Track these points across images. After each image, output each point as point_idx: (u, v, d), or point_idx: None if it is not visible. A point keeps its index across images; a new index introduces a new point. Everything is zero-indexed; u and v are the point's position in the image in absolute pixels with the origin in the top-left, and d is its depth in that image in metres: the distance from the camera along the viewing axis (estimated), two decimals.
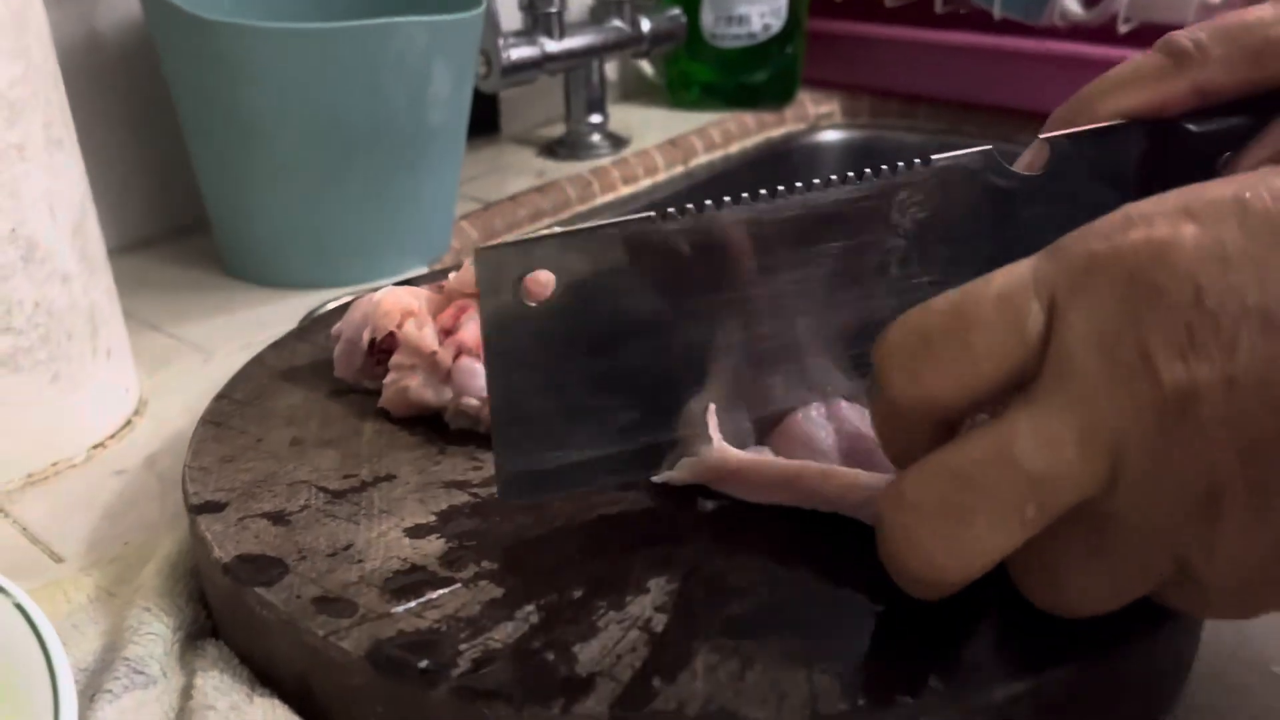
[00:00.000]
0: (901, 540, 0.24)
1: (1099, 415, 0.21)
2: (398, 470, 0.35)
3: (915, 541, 0.24)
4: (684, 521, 0.32)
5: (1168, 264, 0.21)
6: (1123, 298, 0.21)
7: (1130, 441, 0.21)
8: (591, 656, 0.27)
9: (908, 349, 0.24)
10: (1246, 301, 0.20)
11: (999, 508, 0.22)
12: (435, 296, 0.39)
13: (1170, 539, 0.22)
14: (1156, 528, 0.22)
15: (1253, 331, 0.20)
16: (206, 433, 0.37)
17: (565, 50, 0.77)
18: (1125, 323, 0.21)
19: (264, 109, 0.55)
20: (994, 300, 0.23)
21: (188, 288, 0.62)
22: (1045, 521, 0.23)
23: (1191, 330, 0.20)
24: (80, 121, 0.46)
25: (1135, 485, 0.22)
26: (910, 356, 0.23)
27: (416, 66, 0.57)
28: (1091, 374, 0.21)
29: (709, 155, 0.87)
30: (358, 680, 0.27)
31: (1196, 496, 0.21)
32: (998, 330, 0.22)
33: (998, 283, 0.23)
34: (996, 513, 0.23)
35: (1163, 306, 0.21)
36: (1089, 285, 0.22)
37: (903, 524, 0.24)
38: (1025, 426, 0.22)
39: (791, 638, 0.27)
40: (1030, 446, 0.22)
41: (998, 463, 0.22)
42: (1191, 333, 0.20)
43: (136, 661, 0.30)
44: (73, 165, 0.44)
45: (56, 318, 0.43)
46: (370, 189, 0.59)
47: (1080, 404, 0.21)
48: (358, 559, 0.31)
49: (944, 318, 0.23)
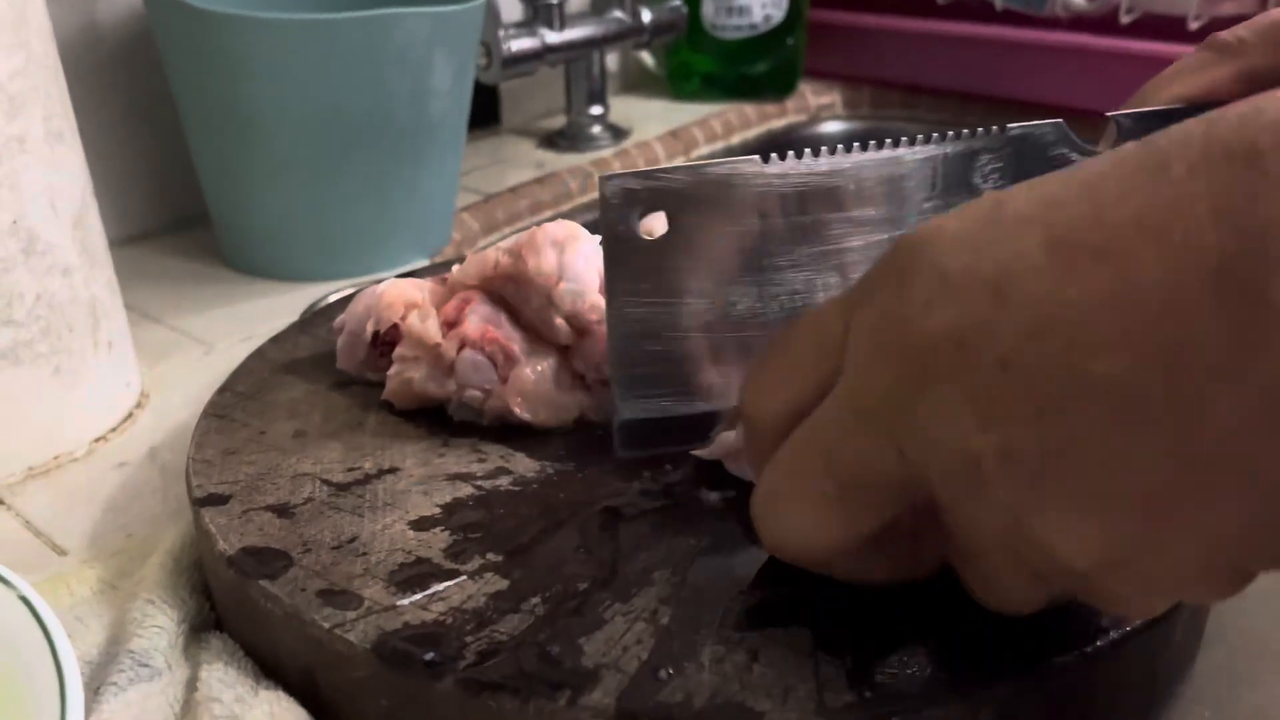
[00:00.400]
0: (757, 529, 0.28)
1: (870, 389, 0.23)
2: (402, 463, 0.35)
3: (759, 523, 0.27)
4: (689, 513, 0.32)
5: (924, 247, 0.23)
6: (889, 286, 0.23)
7: (899, 416, 0.23)
8: (597, 648, 0.27)
9: (751, 372, 0.28)
10: (981, 273, 0.22)
11: (800, 487, 0.26)
12: (438, 288, 0.38)
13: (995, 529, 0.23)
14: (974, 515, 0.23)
15: (980, 298, 0.22)
16: (209, 425, 0.37)
17: (566, 41, 0.76)
18: (887, 306, 0.23)
19: (265, 101, 0.55)
20: (807, 323, 0.26)
21: (188, 280, 0.62)
22: (858, 505, 0.25)
23: (930, 302, 0.22)
24: (81, 114, 0.46)
25: (918, 461, 0.23)
26: (752, 378, 0.28)
27: (418, 58, 0.57)
28: (861, 354, 0.24)
29: (710, 146, 0.87)
30: (363, 673, 0.27)
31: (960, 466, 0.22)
32: (808, 345, 0.26)
33: (815, 309, 0.26)
34: (799, 492, 0.26)
35: (913, 284, 0.23)
36: (869, 288, 0.24)
37: (753, 515, 0.27)
38: (819, 413, 0.25)
39: (798, 630, 0.27)
40: (820, 427, 0.25)
41: (800, 446, 0.25)
42: (929, 304, 0.22)
43: (141, 654, 0.30)
44: (73, 158, 0.44)
45: (57, 310, 0.43)
46: (371, 181, 0.59)
47: (855, 384, 0.24)
48: (362, 551, 0.31)
49: (775, 342, 0.27)
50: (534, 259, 0.36)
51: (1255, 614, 0.34)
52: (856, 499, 0.25)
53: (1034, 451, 0.21)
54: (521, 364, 0.36)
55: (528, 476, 0.34)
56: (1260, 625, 0.33)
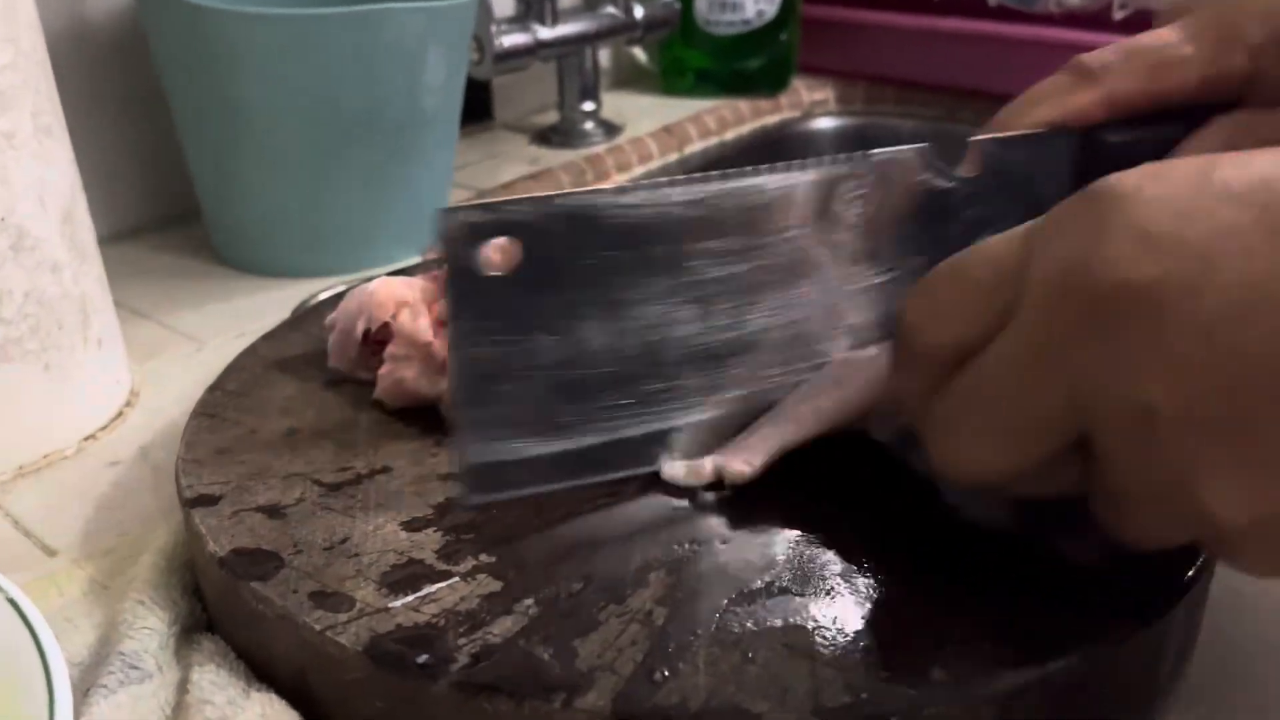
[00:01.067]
0: (929, 448, 0.28)
1: (1048, 328, 0.24)
2: (394, 462, 0.35)
3: (934, 448, 0.28)
4: (684, 512, 0.32)
5: (1122, 205, 0.23)
6: (1079, 232, 0.23)
7: (1074, 356, 0.23)
8: (592, 650, 0.27)
9: (916, 300, 0.27)
10: (1188, 239, 0.22)
11: (976, 418, 0.26)
12: (430, 286, 0.38)
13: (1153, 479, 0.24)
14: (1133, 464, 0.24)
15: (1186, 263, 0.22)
16: (200, 424, 0.37)
17: (558, 37, 0.76)
18: (1079, 250, 0.23)
19: (256, 96, 0.55)
20: (983, 255, 0.26)
21: (180, 276, 0.61)
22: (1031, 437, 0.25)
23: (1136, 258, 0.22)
24: (71, 109, 0.45)
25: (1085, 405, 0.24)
26: (919, 306, 0.27)
27: (410, 53, 0.56)
28: (1043, 292, 0.24)
29: (703, 142, 0.87)
30: (356, 675, 0.27)
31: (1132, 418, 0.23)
32: (984, 276, 0.26)
33: (989, 242, 0.26)
34: (974, 423, 0.26)
35: (1110, 233, 0.23)
36: (1056, 229, 0.24)
37: (927, 437, 0.28)
38: (995, 347, 0.25)
39: (794, 630, 0.27)
40: (996, 362, 0.25)
41: (976, 380, 0.26)
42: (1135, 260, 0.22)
43: (131, 656, 0.30)
44: (62, 153, 0.44)
45: (47, 307, 0.43)
46: (364, 177, 0.59)
47: (1034, 320, 0.24)
48: (354, 553, 0.30)
49: (943, 272, 0.27)
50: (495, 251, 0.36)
51: (1251, 614, 0.34)
52: (1028, 432, 0.25)
53: (1218, 419, 0.22)
54: None
55: None
56: (1256, 625, 0.33)
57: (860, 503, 0.32)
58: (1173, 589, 0.28)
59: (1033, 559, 0.30)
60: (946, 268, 0.27)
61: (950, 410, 0.27)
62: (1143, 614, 0.27)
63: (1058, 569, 0.30)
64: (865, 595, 0.28)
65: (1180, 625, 0.29)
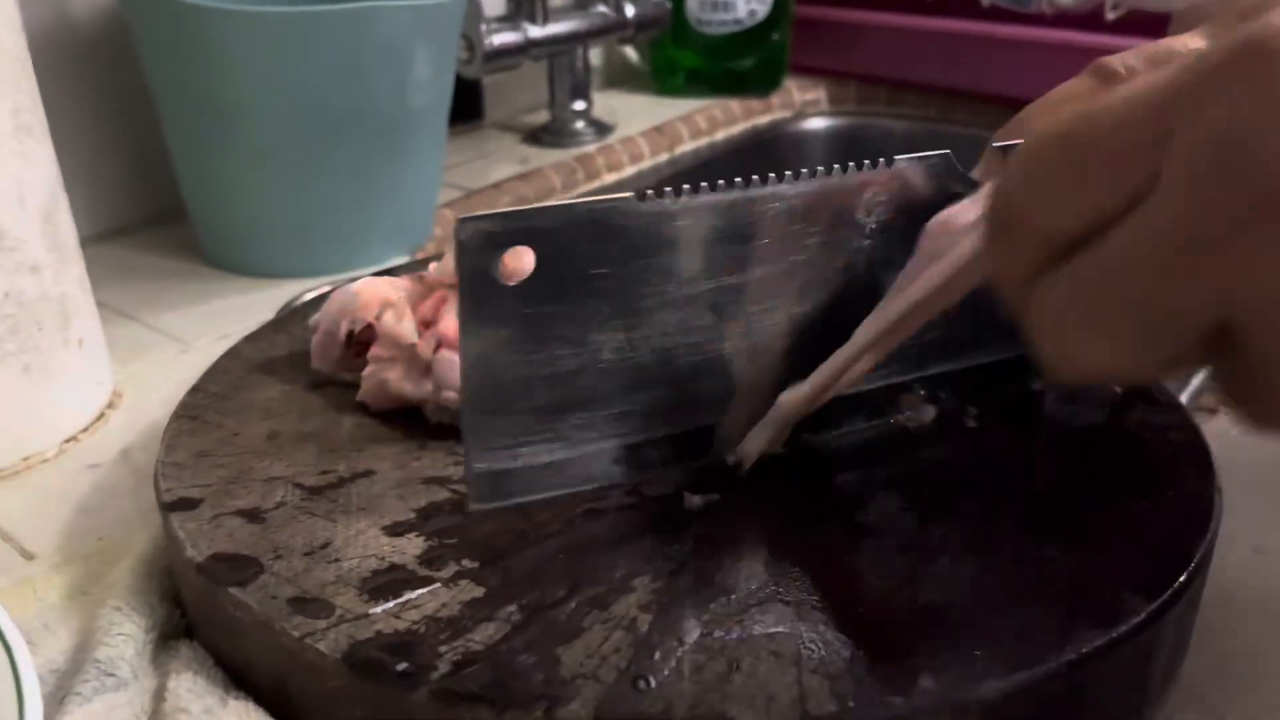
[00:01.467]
0: (1040, 345, 0.24)
1: (1203, 218, 0.20)
2: (377, 466, 0.34)
3: (1046, 345, 0.24)
4: (671, 518, 0.32)
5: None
6: (1236, 97, 0.20)
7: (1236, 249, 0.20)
8: (575, 658, 0.26)
9: (1019, 171, 0.23)
10: None
11: (1101, 316, 0.22)
12: (415, 287, 0.38)
13: None
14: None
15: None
16: (180, 427, 0.37)
17: (548, 36, 0.76)
18: (1239, 119, 0.20)
19: (242, 94, 0.54)
20: (1106, 121, 0.22)
21: (164, 276, 0.61)
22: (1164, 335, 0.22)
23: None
24: (54, 107, 0.45)
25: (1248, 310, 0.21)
26: (1023, 179, 0.23)
27: (398, 51, 0.56)
28: (1196, 175, 0.20)
29: (694, 143, 0.86)
30: (335, 682, 0.27)
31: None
32: (1109, 150, 0.22)
33: (1114, 104, 0.22)
34: (1099, 321, 0.22)
35: None
36: (1203, 94, 0.20)
37: (1037, 334, 0.24)
38: (1127, 237, 0.22)
39: (781, 637, 0.27)
40: (1131, 255, 0.21)
41: (1103, 273, 0.22)
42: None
43: (107, 663, 0.29)
44: (43, 152, 0.43)
45: (26, 308, 0.42)
46: (351, 176, 0.58)
47: (1183, 210, 0.20)
48: (335, 558, 0.30)
49: (1052, 139, 0.23)
50: (511, 259, 0.35)
51: (1243, 619, 0.33)
52: (1163, 330, 0.22)
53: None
54: None
55: None
56: (1247, 630, 0.33)
57: (848, 511, 0.32)
58: (1164, 595, 0.28)
59: (1022, 566, 0.29)
60: (1056, 133, 0.23)
61: (1067, 303, 0.23)
62: (1133, 621, 0.27)
63: (1046, 577, 0.29)
64: (852, 603, 0.28)
65: (1171, 631, 0.29)
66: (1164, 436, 0.35)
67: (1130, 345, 0.22)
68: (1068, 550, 0.30)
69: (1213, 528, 0.31)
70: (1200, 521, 0.31)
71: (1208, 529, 0.31)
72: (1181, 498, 0.32)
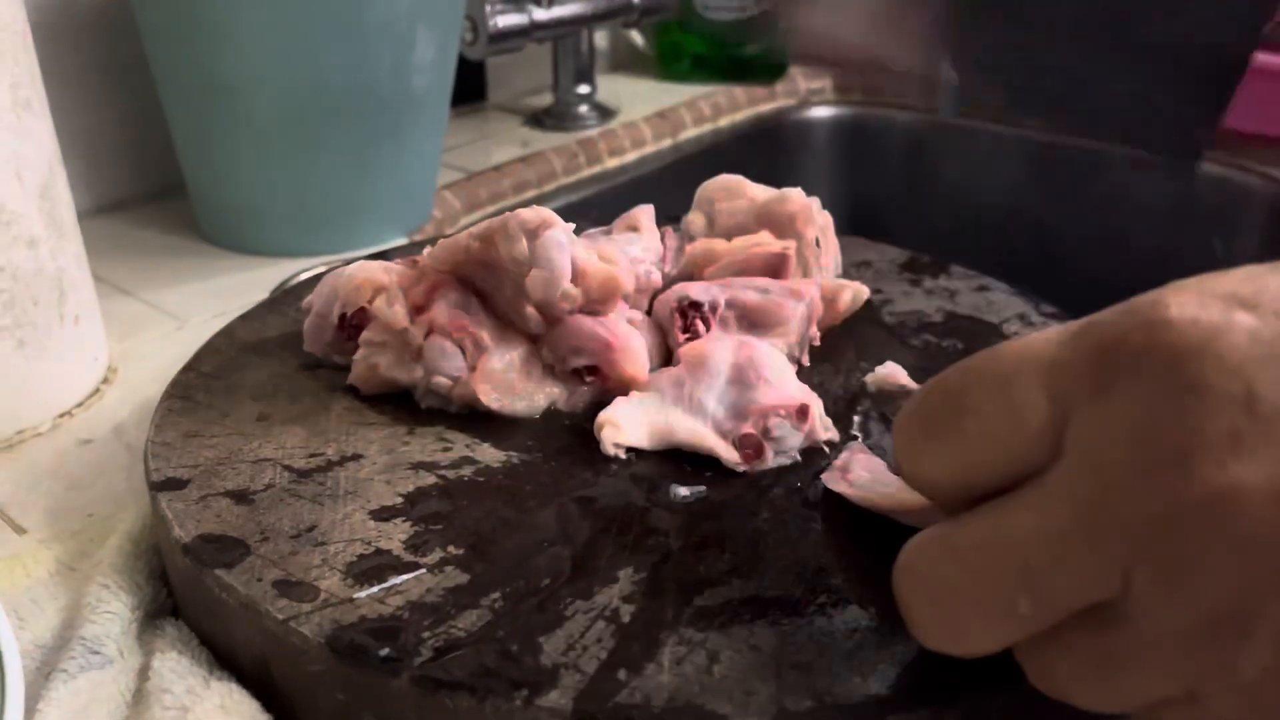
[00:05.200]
0: (902, 605, 0.23)
1: (1118, 513, 0.19)
2: (365, 450, 0.34)
3: (910, 610, 0.23)
4: (657, 509, 0.32)
5: (1217, 356, 0.19)
6: (1160, 391, 0.19)
7: (1152, 546, 0.19)
8: (556, 647, 0.26)
9: (910, 430, 0.23)
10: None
11: (988, 594, 0.21)
12: (409, 271, 0.38)
13: (1183, 658, 0.20)
14: (1169, 645, 0.20)
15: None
16: (171, 406, 0.37)
17: (553, 19, 0.75)
18: (1162, 418, 0.19)
19: (242, 72, 0.54)
20: (994, 387, 0.21)
21: (162, 253, 0.61)
22: (1047, 619, 0.21)
23: (1238, 434, 0.18)
24: (55, 80, 0.45)
25: (1152, 595, 0.19)
26: (909, 439, 0.23)
27: (399, 30, 0.56)
28: (1115, 468, 0.19)
29: (698, 129, 0.86)
30: (317, 666, 0.27)
31: (1221, 616, 0.19)
32: (994, 420, 0.21)
33: (1006, 363, 0.21)
34: (986, 599, 0.21)
35: (1207, 404, 0.18)
36: (1119, 376, 0.20)
37: (902, 589, 0.23)
38: (1027, 516, 0.21)
39: (761, 632, 0.27)
40: (1030, 536, 0.20)
41: (992, 547, 0.21)
42: (1238, 437, 0.18)
43: (93, 641, 0.30)
44: (41, 127, 0.43)
45: (22, 283, 0.42)
46: (351, 156, 0.58)
47: (1098, 499, 0.20)
48: (321, 541, 0.30)
49: (944, 400, 0.22)
50: (505, 245, 0.35)
51: None
52: (1049, 612, 0.21)
53: None
54: (490, 352, 0.36)
55: (493, 467, 0.34)
56: None
57: (831, 507, 0.32)
58: None
59: None
60: (938, 388, 0.23)
61: (945, 571, 0.22)
62: None
63: None
64: (832, 599, 0.28)
65: None
66: None
67: (1010, 623, 0.21)
68: None
69: None
70: None
71: None
72: None
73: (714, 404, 0.34)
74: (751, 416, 0.33)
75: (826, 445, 0.34)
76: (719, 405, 0.34)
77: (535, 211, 0.36)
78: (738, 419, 0.34)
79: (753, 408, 0.33)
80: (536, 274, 0.35)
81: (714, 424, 0.34)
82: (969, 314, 0.44)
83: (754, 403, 0.34)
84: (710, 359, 0.35)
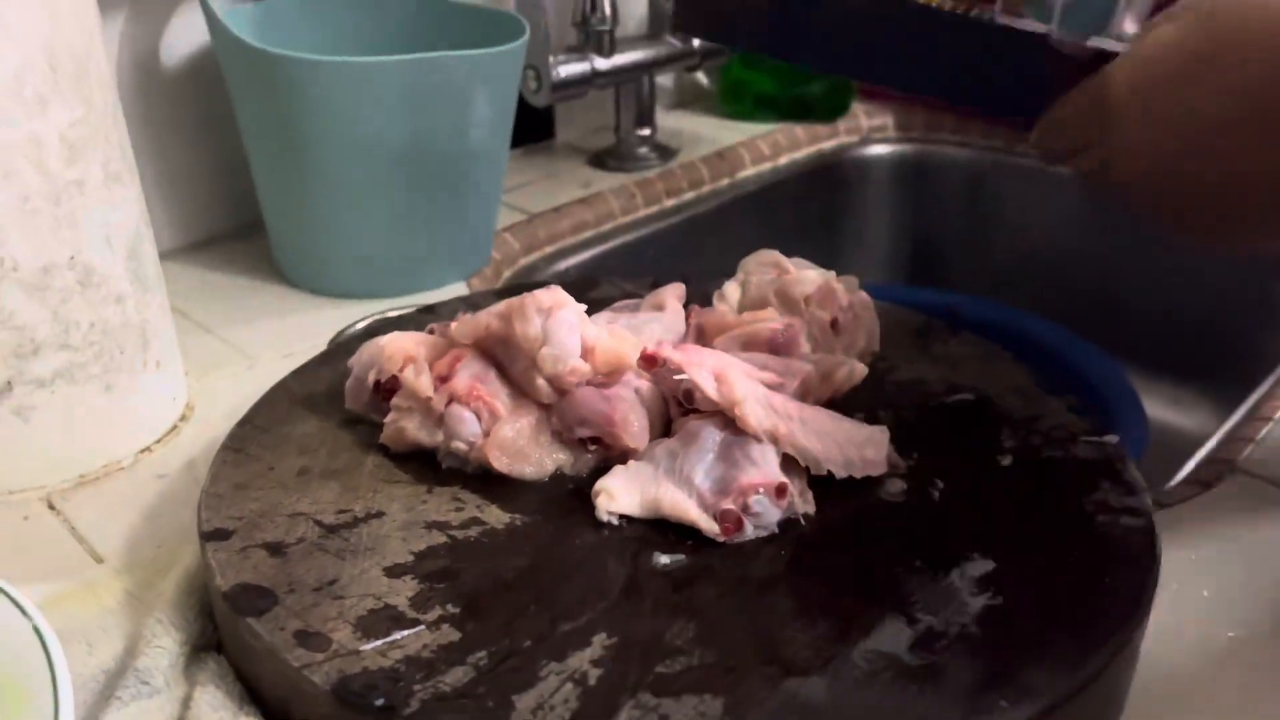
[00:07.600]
0: None
1: None
2: (388, 507, 0.38)
3: None
4: (639, 576, 0.35)
5: None
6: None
7: None
8: (527, 705, 0.30)
9: None
10: None
11: None
12: (437, 342, 0.42)
13: None
14: None
15: None
16: (226, 458, 0.41)
17: (615, 67, 0.79)
18: None
19: (316, 131, 0.59)
20: None
21: (241, 291, 0.66)
22: None
23: None
24: (151, 129, 0.49)
25: None
26: None
27: (457, 95, 0.60)
28: None
29: (757, 168, 0.89)
30: (325, 710, 0.31)
31: None
32: None
33: None
34: None
35: None
36: None
37: None
38: None
39: (711, 700, 0.30)
40: None
41: None
42: None
43: (144, 672, 0.34)
44: (129, 195, 0.48)
45: (110, 335, 0.48)
46: (413, 207, 0.63)
47: None
48: (339, 595, 0.34)
49: None
50: (521, 325, 0.39)
51: (1187, 654, 0.36)
52: None
53: None
54: (504, 420, 0.39)
55: (497, 529, 0.37)
56: (1188, 670, 0.36)
57: (799, 580, 0.35)
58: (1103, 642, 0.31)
59: (941, 643, 0.32)
60: None
61: None
62: (1074, 664, 0.30)
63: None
64: (785, 672, 0.31)
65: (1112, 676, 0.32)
66: (1116, 520, 0.37)
67: None
68: (992, 624, 0.32)
69: (1141, 622, 0.33)
70: (1129, 615, 0.33)
71: (1138, 624, 0.33)
72: (1118, 586, 0.34)
73: (701, 478, 0.37)
74: (733, 493, 0.36)
75: (804, 518, 0.37)
76: (705, 479, 0.37)
77: (550, 292, 0.40)
78: (721, 494, 0.37)
79: (734, 485, 0.37)
80: (547, 351, 0.39)
81: (699, 497, 0.37)
82: (970, 383, 0.46)
83: (736, 480, 0.37)
84: (700, 435, 0.38)
